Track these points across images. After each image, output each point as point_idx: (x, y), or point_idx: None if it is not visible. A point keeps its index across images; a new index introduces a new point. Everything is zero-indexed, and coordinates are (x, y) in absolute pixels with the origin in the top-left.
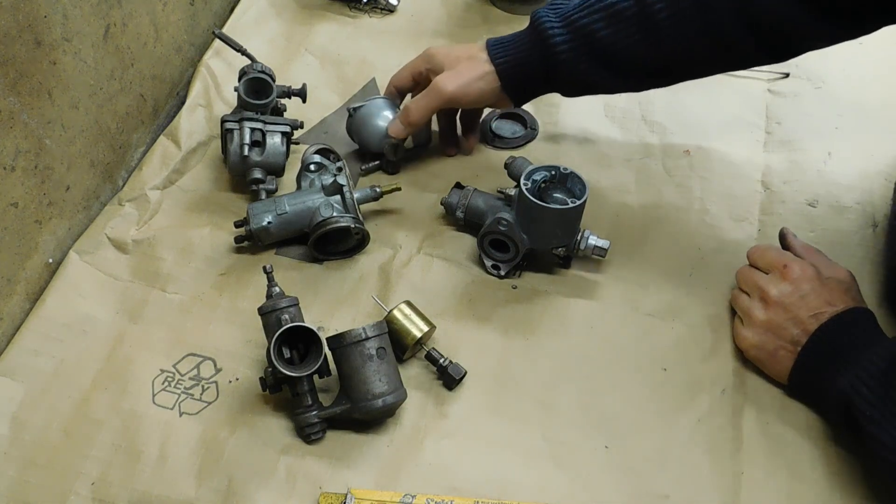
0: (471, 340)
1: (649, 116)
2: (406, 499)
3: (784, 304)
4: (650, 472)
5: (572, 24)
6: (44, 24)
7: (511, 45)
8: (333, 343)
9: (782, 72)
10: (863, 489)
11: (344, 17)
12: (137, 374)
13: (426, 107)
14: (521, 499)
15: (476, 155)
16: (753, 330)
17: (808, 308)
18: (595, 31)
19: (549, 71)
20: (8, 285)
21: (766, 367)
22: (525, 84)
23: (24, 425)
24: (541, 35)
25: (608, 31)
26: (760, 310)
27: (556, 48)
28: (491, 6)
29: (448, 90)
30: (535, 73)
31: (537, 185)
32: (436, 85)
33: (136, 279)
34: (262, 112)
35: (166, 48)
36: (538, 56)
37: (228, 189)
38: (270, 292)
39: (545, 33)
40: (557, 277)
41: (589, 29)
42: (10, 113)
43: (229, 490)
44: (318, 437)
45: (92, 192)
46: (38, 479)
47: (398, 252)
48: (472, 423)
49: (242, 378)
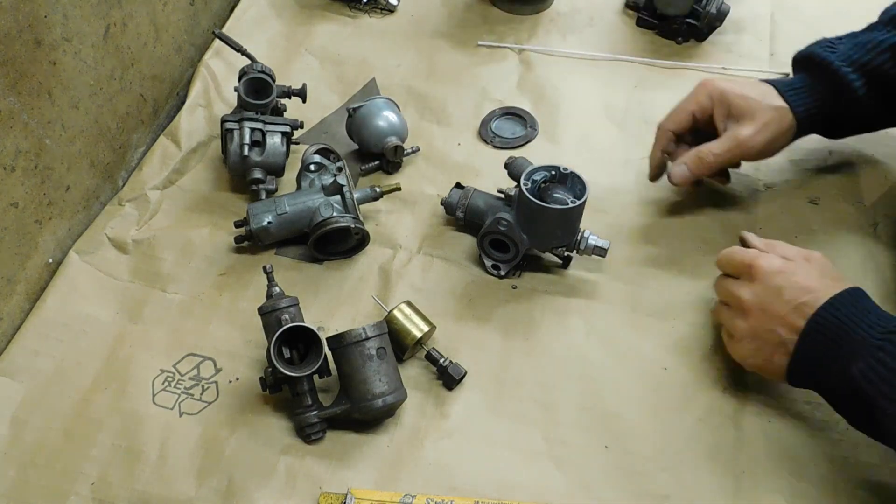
0: (471, 340)
1: (649, 117)
2: (406, 499)
3: (761, 306)
4: (650, 472)
5: (863, 66)
6: (44, 24)
7: (806, 92)
8: (333, 343)
9: (782, 73)
10: (863, 489)
11: (344, 17)
12: (137, 374)
13: (724, 161)
14: (521, 499)
15: (476, 155)
16: (741, 342)
17: (787, 303)
18: (887, 72)
19: (842, 116)
20: (8, 285)
21: (767, 373)
22: (812, 130)
23: (24, 425)
24: (840, 81)
25: None
26: (741, 319)
27: (856, 93)
28: (491, 6)
29: (756, 149)
30: (829, 119)
31: (537, 185)
32: (741, 140)
33: (136, 279)
34: (262, 112)
35: (166, 48)
36: (836, 102)
37: (228, 189)
38: (270, 292)
39: (843, 80)
40: (557, 277)
41: (881, 70)
42: (10, 113)
43: (229, 490)
44: (318, 437)
45: (92, 192)
46: (38, 479)
47: (398, 252)
48: (472, 423)
49: (242, 378)
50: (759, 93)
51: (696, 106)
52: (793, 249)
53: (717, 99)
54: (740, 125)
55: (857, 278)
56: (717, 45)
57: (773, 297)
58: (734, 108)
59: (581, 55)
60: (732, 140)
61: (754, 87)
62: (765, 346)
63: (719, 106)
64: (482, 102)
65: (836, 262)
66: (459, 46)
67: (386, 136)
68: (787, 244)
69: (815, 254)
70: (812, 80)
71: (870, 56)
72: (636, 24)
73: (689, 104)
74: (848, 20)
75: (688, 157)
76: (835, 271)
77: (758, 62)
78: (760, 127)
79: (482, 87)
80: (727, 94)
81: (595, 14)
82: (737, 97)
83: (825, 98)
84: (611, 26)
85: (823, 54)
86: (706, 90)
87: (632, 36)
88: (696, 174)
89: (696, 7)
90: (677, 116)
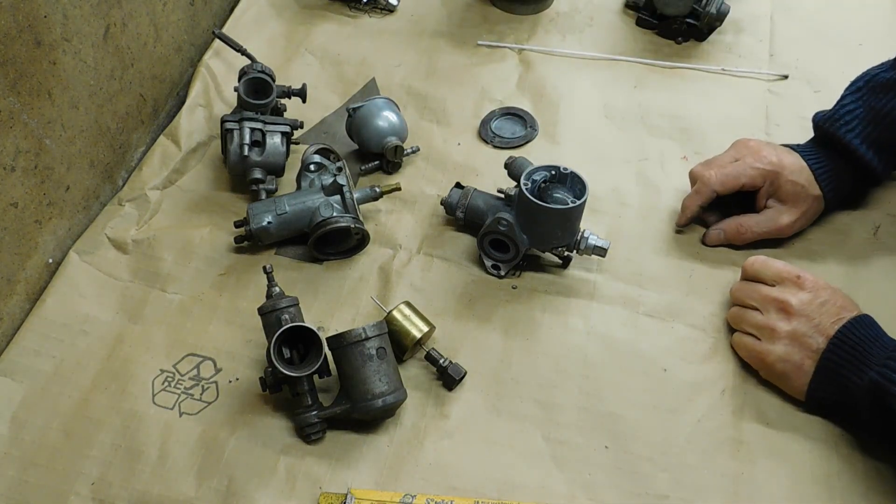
0: (471, 340)
1: (649, 117)
2: (406, 499)
3: (807, 312)
4: (650, 472)
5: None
6: (44, 24)
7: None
8: (333, 343)
9: (782, 74)
10: (863, 489)
11: (344, 17)
12: (137, 374)
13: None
14: (521, 499)
15: (476, 155)
16: (778, 343)
17: (829, 315)
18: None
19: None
20: (8, 285)
21: (791, 379)
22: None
23: (24, 425)
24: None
25: None
26: (783, 321)
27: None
28: (491, 6)
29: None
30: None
31: (537, 185)
32: (781, 227)
33: (136, 279)
34: (262, 112)
35: (166, 48)
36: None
37: (228, 189)
38: (270, 292)
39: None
40: (557, 277)
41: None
42: (10, 113)
43: (229, 490)
44: (318, 437)
45: (92, 192)
46: (38, 479)
47: (398, 252)
48: (472, 423)
49: (242, 378)
50: (805, 179)
51: (748, 179)
52: None
53: (770, 179)
54: (783, 210)
55: (859, 281)
56: (716, 45)
57: (819, 306)
58: (783, 192)
59: (581, 55)
60: (774, 223)
61: (800, 170)
62: (800, 349)
63: (770, 186)
64: (482, 102)
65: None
66: (459, 46)
67: (386, 136)
68: None
69: None
70: (836, 163)
71: (887, 132)
72: (636, 24)
73: (741, 174)
74: (847, 21)
75: (727, 226)
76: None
77: (758, 62)
78: (800, 216)
79: (482, 87)
80: (780, 178)
81: (595, 14)
82: (787, 182)
83: (850, 180)
84: (611, 26)
85: (847, 138)
86: (761, 166)
87: (632, 36)
88: (730, 242)
89: (696, 7)
90: (727, 181)
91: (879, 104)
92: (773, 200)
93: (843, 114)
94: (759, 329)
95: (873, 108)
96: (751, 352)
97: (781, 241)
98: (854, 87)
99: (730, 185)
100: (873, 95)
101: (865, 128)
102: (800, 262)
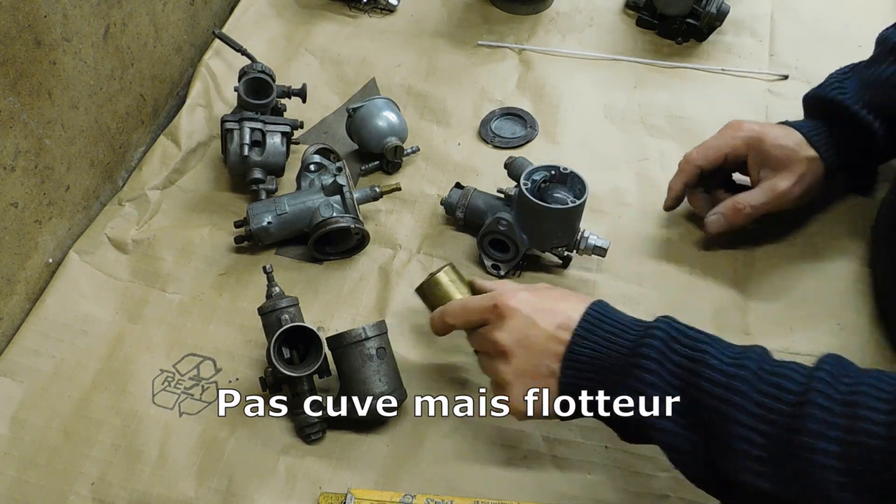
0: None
1: (649, 118)
2: (406, 499)
3: (521, 343)
4: (650, 472)
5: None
6: (44, 24)
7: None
8: (333, 343)
9: (782, 74)
10: None
11: (344, 17)
12: (137, 374)
13: (761, 212)
14: (521, 499)
15: (476, 155)
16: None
17: (543, 330)
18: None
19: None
20: (8, 285)
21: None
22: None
23: (24, 425)
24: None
25: None
26: (504, 364)
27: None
28: (491, 6)
29: (793, 200)
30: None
31: (537, 185)
32: (780, 192)
33: (136, 279)
34: (262, 112)
35: (166, 48)
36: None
37: (228, 189)
38: (270, 292)
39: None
40: (557, 277)
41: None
42: (10, 113)
43: (229, 490)
44: (318, 437)
45: (92, 192)
46: (38, 479)
47: (398, 252)
48: (472, 423)
49: (242, 378)
50: (793, 142)
51: (730, 149)
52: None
53: (753, 146)
54: (778, 177)
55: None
56: (717, 45)
57: (529, 328)
58: (771, 158)
59: (581, 55)
60: (771, 192)
61: (787, 134)
62: (536, 380)
63: (755, 153)
64: (482, 102)
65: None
66: (459, 46)
67: (386, 136)
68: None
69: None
70: (832, 128)
71: (882, 94)
72: (636, 24)
73: (722, 145)
74: (847, 22)
75: (724, 208)
76: (572, 292)
77: (758, 62)
78: (797, 178)
79: (482, 87)
80: (764, 143)
81: (595, 14)
82: (774, 146)
83: (849, 145)
84: (611, 26)
85: (838, 98)
86: (742, 134)
87: (632, 36)
88: (732, 225)
89: (696, 7)
90: (708, 153)
91: (870, 73)
92: (766, 171)
93: (832, 82)
94: (492, 378)
95: (864, 78)
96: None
97: (784, 234)
98: (840, 71)
99: (712, 157)
100: (863, 70)
101: (858, 91)
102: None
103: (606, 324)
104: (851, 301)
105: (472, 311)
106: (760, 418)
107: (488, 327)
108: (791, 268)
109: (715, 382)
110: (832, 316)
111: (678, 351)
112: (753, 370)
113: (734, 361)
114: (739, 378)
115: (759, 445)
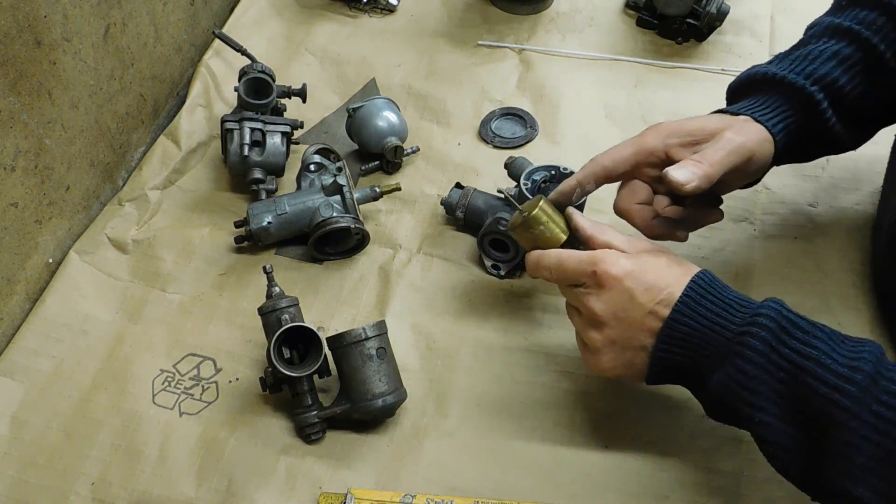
0: (471, 340)
1: (649, 117)
2: (406, 499)
3: (616, 315)
4: (650, 472)
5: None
6: (44, 24)
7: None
8: (333, 343)
9: None
10: None
11: (344, 17)
12: (137, 374)
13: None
14: (521, 499)
15: (476, 155)
16: (598, 354)
17: (642, 306)
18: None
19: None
20: (8, 285)
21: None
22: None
23: (24, 425)
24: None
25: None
26: (595, 331)
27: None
28: (491, 6)
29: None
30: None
31: (537, 184)
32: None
33: (136, 279)
34: (262, 112)
35: (166, 48)
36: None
37: (228, 189)
38: (270, 292)
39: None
40: None
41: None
42: (10, 113)
43: (229, 490)
44: (318, 437)
45: (92, 192)
46: (38, 479)
47: (398, 252)
48: (472, 422)
49: (242, 378)
50: (715, 116)
51: (637, 147)
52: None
53: (672, 134)
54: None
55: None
56: (717, 45)
57: (627, 302)
58: (697, 133)
59: (581, 55)
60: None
61: (710, 115)
62: (625, 351)
63: (678, 139)
64: (482, 102)
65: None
66: (459, 46)
67: (386, 136)
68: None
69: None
70: (768, 97)
71: (815, 65)
72: (636, 24)
73: (628, 142)
74: None
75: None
76: (676, 256)
77: (758, 62)
78: (737, 131)
79: (482, 87)
80: (683, 126)
81: (595, 14)
82: (696, 128)
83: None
84: (611, 26)
85: (770, 71)
86: (654, 130)
87: (632, 36)
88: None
89: (696, 7)
90: (614, 152)
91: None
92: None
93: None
94: (581, 337)
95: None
96: (584, 360)
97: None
98: None
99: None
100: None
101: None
102: None
103: (709, 300)
104: (851, 301)
105: (569, 271)
106: (873, 427)
107: (584, 291)
108: (791, 268)
109: (827, 384)
110: (832, 316)
111: (788, 344)
112: (870, 374)
113: (848, 362)
114: (854, 382)
115: (868, 454)
